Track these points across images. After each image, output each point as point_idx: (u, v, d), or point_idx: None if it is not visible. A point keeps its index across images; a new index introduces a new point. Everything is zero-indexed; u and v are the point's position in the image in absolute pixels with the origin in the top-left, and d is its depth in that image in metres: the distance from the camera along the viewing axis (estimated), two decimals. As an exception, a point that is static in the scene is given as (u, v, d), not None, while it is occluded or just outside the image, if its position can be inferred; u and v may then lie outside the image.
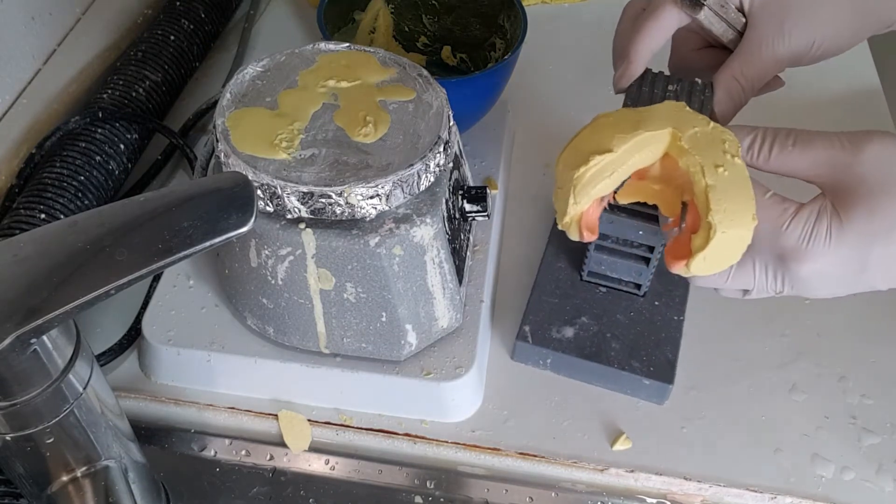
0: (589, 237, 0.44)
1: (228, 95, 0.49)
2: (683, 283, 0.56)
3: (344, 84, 0.50)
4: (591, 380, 0.53)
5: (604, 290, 0.56)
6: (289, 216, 0.45)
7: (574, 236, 0.44)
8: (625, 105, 0.49)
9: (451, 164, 0.49)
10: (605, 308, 0.55)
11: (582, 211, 0.42)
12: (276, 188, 0.44)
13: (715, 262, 0.40)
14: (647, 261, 0.53)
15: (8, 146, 0.59)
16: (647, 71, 0.49)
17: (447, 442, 0.51)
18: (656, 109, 0.43)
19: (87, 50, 0.67)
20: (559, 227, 0.44)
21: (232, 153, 0.46)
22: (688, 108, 0.43)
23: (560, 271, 0.56)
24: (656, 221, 0.49)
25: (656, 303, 0.55)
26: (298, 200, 0.44)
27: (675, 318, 0.54)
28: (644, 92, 0.48)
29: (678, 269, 0.41)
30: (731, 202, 0.39)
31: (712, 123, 0.42)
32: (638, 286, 0.55)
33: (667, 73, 0.50)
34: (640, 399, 0.53)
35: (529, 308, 0.54)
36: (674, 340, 0.53)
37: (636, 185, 0.44)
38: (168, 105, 0.69)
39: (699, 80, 0.48)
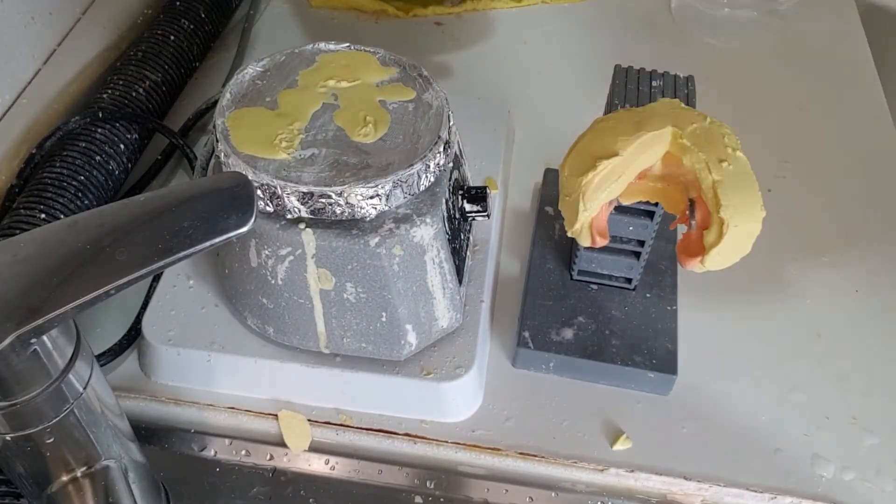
0: (601, 241, 0.44)
1: (228, 95, 0.49)
2: (671, 273, 0.56)
3: (344, 84, 0.50)
4: (595, 379, 0.53)
5: (595, 287, 0.56)
6: (289, 216, 0.45)
7: (586, 242, 0.44)
8: (610, 103, 0.50)
9: (451, 164, 0.49)
10: (600, 305, 0.55)
11: (592, 217, 0.43)
12: (275, 188, 0.44)
13: (728, 255, 0.41)
14: (637, 255, 0.53)
15: (8, 146, 0.59)
16: (629, 68, 0.50)
17: (447, 442, 0.51)
18: (653, 108, 0.43)
19: (87, 50, 0.67)
20: (569, 234, 0.44)
21: (232, 153, 0.46)
22: (682, 104, 0.43)
23: (550, 273, 0.56)
24: (647, 216, 0.49)
25: (647, 295, 0.55)
26: (298, 200, 0.44)
27: (669, 308, 0.54)
28: (630, 90, 0.48)
29: (692, 265, 0.41)
30: (738, 196, 0.40)
31: (709, 118, 0.42)
32: (629, 280, 0.55)
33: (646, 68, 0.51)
34: (645, 393, 0.53)
35: (525, 313, 0.54)
36: (670, 331, 0.53)
37: (638, 184, 0.44)
38: (168, 105, 0.69)
39: (679, 74, 0.49)
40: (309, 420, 0.51)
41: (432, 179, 0.47)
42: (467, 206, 0.51)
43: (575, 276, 0.56)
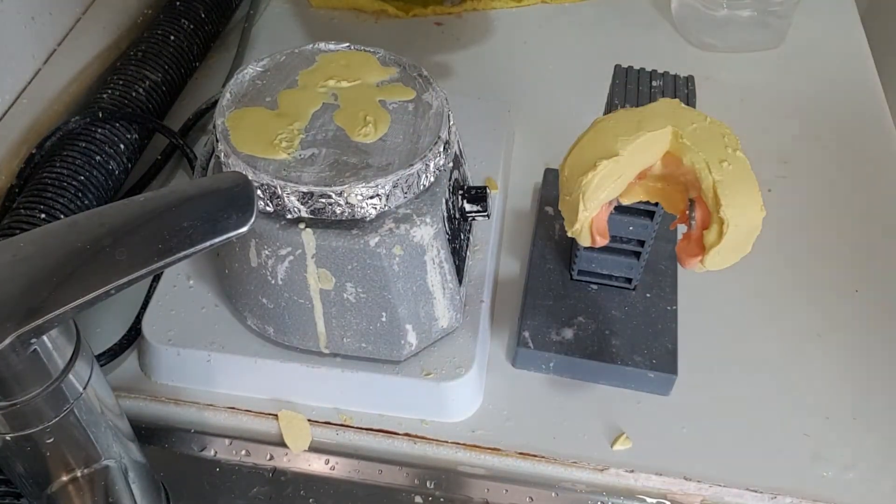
0: (601, 241, 0.44)
1: (228, 95, 0.49)
2: (671, 273, 0.56)
3: (344, 84, 0.50)
4: (595, 379, 0.53)
5: (595, 287, 0.56)
6: (289, 216, 0.45)
7: (586, 242, 0.44)
8: (610, 103, 0.50)
9: (451, 164, 0.49)
10: (600, 305, 0.55)
11: (592, 217, 0.43)
12: (275, 188, 0.44)
13: (728, 255, 0.41)
14: (637, 255, 0.53)
15: (8, 146, 0.59)
16: (629, 68, 0.50)
17: (447, 442, 0.51)
18: (654, 108, 0.43)
19: (87, 50, 0.67)
20: (569, 234, 0.44)
21: (232, 153, 0.46)
22: (682, 104, 0.43)
23: (550, 273, 0.56)
24: (647, 216, 0.49)
25: (648, 295, 0.55)
26: (298, 200, 0.44)
27: (669, 308, 0.54)
28: (630, 90, 0.48)
29: (692, 265, 0.41)
30: (738, 195, 0.40)
31: (709, 118, 0.42)
32: (629, 280, 0.55)
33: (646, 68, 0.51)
34: (646, 393, 0.53)
35: (525, 313, 0.54)
36: (671, 331, 0.53)
37: (638, 184, 0.44)
38: (168, 105, 0.69)
39: (679, 74, 0.49)
40: (309, 420, 0.51)
41: (432, 179, 0.47)
42: (467, 206, 0.51)
43: (575, 276, 0.56)
